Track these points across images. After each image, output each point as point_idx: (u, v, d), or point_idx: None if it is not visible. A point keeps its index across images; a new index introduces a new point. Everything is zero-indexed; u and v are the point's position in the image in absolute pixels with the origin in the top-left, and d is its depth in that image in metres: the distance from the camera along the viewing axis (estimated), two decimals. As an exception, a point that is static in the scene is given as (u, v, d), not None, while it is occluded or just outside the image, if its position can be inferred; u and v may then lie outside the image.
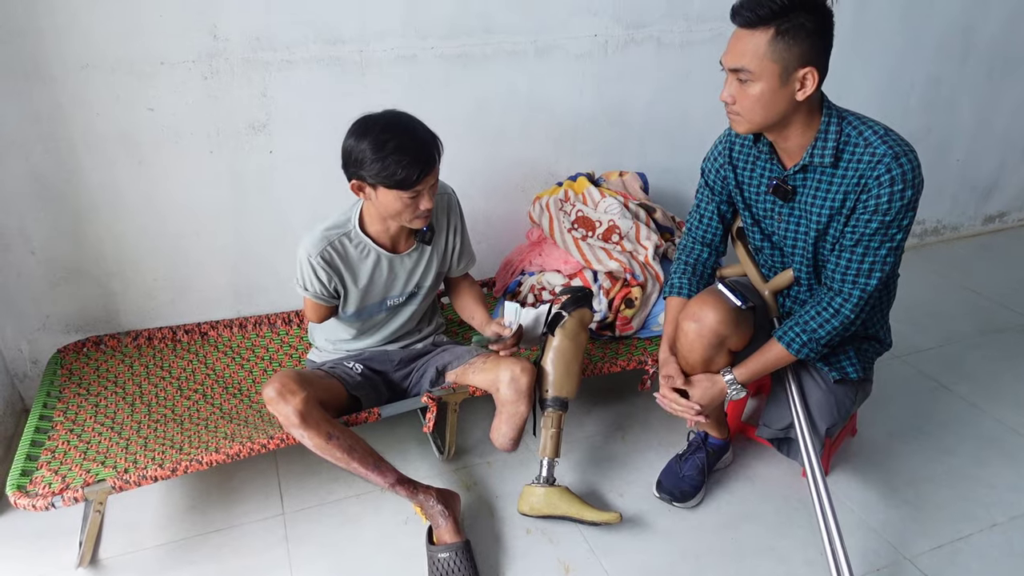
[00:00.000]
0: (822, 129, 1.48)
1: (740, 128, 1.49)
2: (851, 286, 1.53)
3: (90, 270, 2.11)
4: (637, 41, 2.41)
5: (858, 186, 1.46)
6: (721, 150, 1.71)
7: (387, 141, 1.56)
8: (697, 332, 1.62)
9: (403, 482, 1.72)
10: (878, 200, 1.44)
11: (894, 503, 1.89)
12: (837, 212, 1.51)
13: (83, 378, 2.00)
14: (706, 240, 1.80)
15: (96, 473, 1.64)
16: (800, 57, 1.38)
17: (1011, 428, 2.15)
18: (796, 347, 1.59)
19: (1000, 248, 3.37)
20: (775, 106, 1.42)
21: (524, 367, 1.78)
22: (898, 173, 1.42)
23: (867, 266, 1.50)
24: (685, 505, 1.85)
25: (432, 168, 1.62)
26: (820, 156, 1.49)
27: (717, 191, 1.74)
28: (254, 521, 1.83)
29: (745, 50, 1.39)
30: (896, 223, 1.47)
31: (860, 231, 1.48)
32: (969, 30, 2.94)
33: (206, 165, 2.09)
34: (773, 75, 1.39)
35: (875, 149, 1.44)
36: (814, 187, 1.53)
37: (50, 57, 1.85)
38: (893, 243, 1.49)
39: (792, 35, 1.36)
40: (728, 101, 1.46)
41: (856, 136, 1.47)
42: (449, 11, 2.15)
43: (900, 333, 2.63)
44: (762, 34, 1.37)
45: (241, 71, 2.02)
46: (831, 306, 1.55)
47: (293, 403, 1.60)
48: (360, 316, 1.88)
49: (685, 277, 1.79)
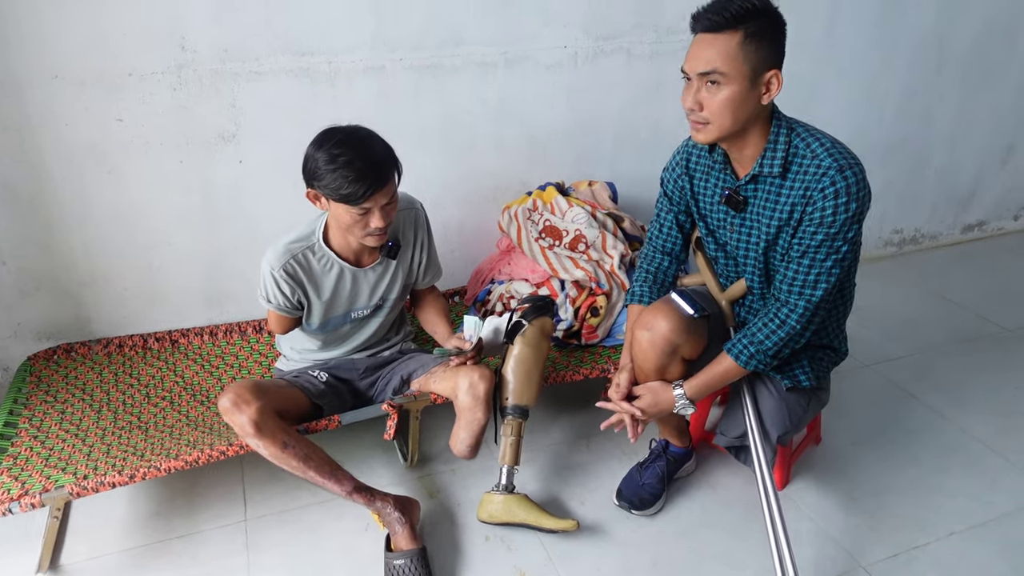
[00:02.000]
0: (771, 139, 1.49)
1: (704, 136, 1.47)
2: (797, 297, 1.54)
3: (61, 279, 2.14)
4: (607, 52, 2.44)
5: (804, 198, 1.47)
6: (679, 160, 1.72)
7: (339, 155, 1.58)
8: (649, 340, 1.64)
9: (360, 490, 1.73)
10: (823, 213, 1.45)
11: (853, 511, 1.90)
12: (785, 223, 1.53)
13: (51, 385, 2.03)
14: (666, 249, 1.82)
15: (56, 479, 1.66)
16: (766, 60, 1.40)
17: (975, 437, 2.16)
18: (744, 359, 1.59)
19: (978, 257, 3.38)
20: (743, 110, 1.42)
21: (482, 374, 1.80)
22: (842, 186, 1.43)
23: (812, 277, 1.52)
24: (644, 513, 1.86)
25: (382, 187, 1.63)
26: (770, 166, 1.50)
27: (675, 201, 1.76)
28: (216, 527, 1.84)
29: (715, 53, 1.38)
30: (841, 235, 1.48)
31: (806, 243, 1.49)
32: (943, 40, 2.96)
33: (176, 175, 2.12)
34: (744, 77, 1.39)
35: (821, 161, 1.45)
36: (764, 198, 1.55)
37: (18, 68, 1.88)
38: (838, 255, 1.50)
39: (759, 38, 1.38)
40: (695, 108, 1.44)
41: (804, 148, 1.48)
42: (418, 23, 2.18)
43: (871, 342, 2.66)
44: (730, 37, 1.37)
45: (210, 82, 2.05)
46: (777, 317, 1.56)
47: (248, 413, 1.61)
48: (324, 328, 1.90)
49: (646, 286, 1.81)
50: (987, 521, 1.86)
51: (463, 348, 1.84)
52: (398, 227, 1.88)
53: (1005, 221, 3.58)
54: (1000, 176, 3.42)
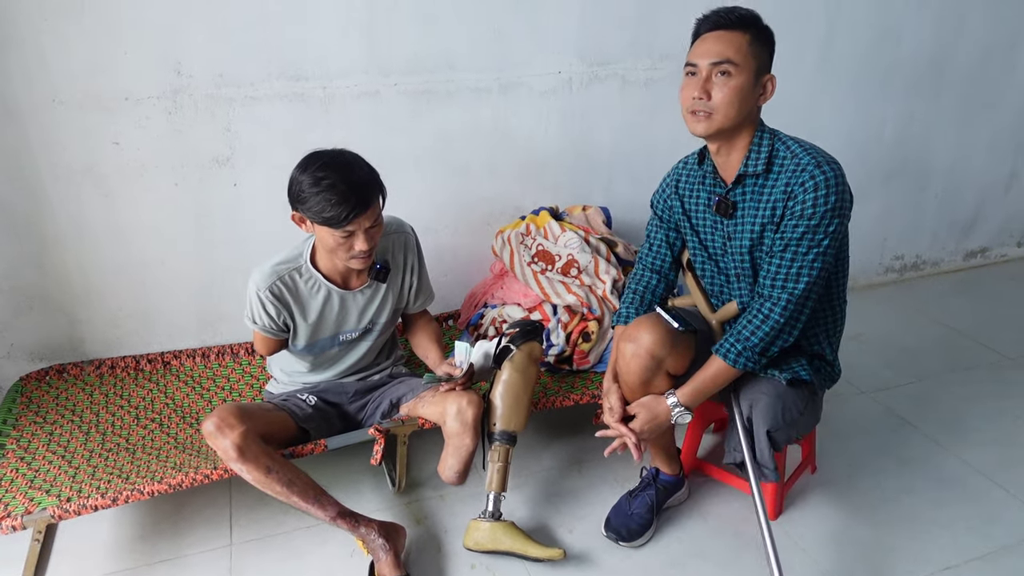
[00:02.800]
0: (755, 141, 1.57)
1: (705, 126, 1.51)
2: (779, 290, 1.56)
3: (56, 299, 2.15)
4: (601, 78, 2.45)
5: (785, 194, 1.53)
6: (669, 182, 1.79)
7: (323, 178, 1.59)
8: (633, 352, 1.64)
9: (345, 515, 1.72)
10: (803, 205, 1.50)
11: (847, 543, 1.86)
12: (769, 221, 1.57)
13: (41, 406, 2.03)
14: (655, 267, 1.83)
15: (39, 502, 1.65)
16: (766, 63, 1.53)
17: (974, 468, 2.12)
18: (732, 357, 1.59)
19: (980, 284, 3.35)
20: (745, 104, 1.50)
21: (471, 400, 1.78)
22: (821, 179, 1.49)
23: (795, 270, 1.54)
24: (631, 544, 1.83)
25: (365, 210, 1.63)
26: (754, 166, 1.56)
27: (665, 220, 1.80)
28: (201, 552, 1.83)
29: (729, 44, 1.48)
30: (822, 228, 1.51)
31: (788, 236, 1.53)
32: (941, 66, 2.96)
33: (171, 197, 2.14)
34: (751, 71, 1.49)
35: (799, 159, 1.53)
36: (749, 198, 1.60)
37: (17, 92, 1.91)
38: (820, 248, 1.52)
39: (762, 42, 1.51)
40: (702, 96, 1.49)
41: (784, 150, 1.56)
42: (412, 49, 2.20)
43: (869, 368, 2.63)
44: (740, 35, 1.49)
45: (205, 106, 2.07)
46: (760, 312, 1.58)
47: (231, 437, 1.61)
48: (311, 350, 1.89)
49: (633, 307, 1.82)
50: (985, 554, 1.82)
51: (453, 375, 1.83)
52: (388, 250, 1.88)
53: (1008, 248, 3.55)
54: (1003, 203, 3.40)
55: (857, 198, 3.09)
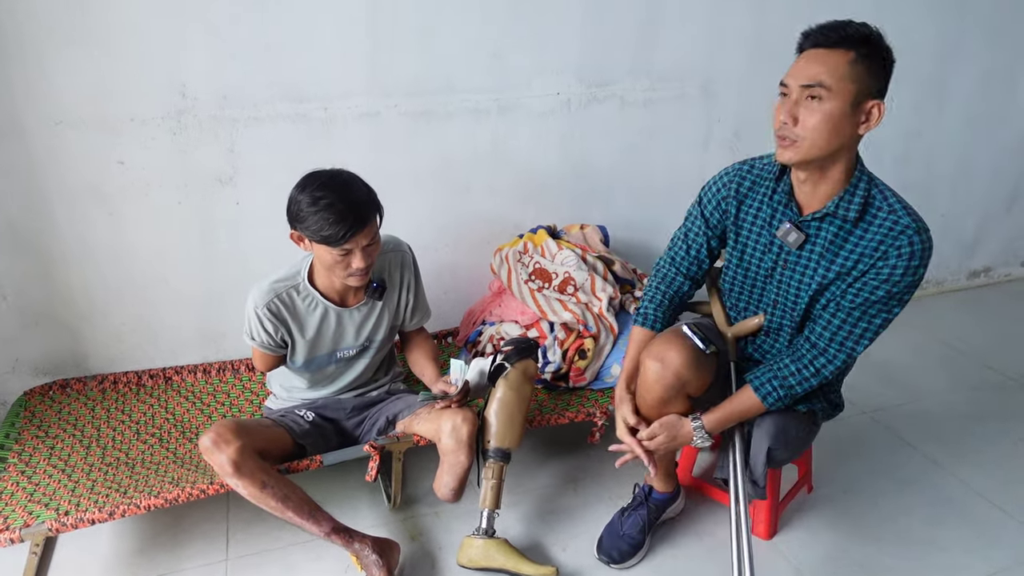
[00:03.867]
0: (853, 183, 1.46)
1: (792, 154, 1.41)
2: (838, 348, 1.51)
3: (60, 315, 2.19)
4: (600, 99, 2.48)
5: (876, 251, 1.44)
6: (727, 181, 1.65)
7: (321, 198, 1.62)
8: (659, 373, 1.58)
9: (339, 531, 1.73)
10: (892, 270, 1.42)
11: (842, 563, 1.85)
12: (847, 273, 1.48)
13: (44, 420, 2.06)
14: (690, 273, 1.75)
15: (38, 515, 1.67)
16: (872, 87, 1.38)
17: (973, 489, 2.11)
18: (772, 400, 1.57)
19: (985, 303, 3.34)
20: (840, 132, 1.38)
21: (465, 417, 1.80)
22: (918, 249, 1.41)
23: (859, 331, 1.49)
24: (623, 567, 1.83)
25: (363, 228, 1.66)
26: (846, 208, 1.46)
27: (713, 224, 1.68)
28: (197, 567, 1.84)
29: (824, 67, 1.37)
30: (899, 296, 1.46)
31: (865, 296, 1.46)
32: (942, 87, 2.98)
33: (174, 216, 2.17)
34: (848, 96, 1.36)
35: (899, 218, 1.43)
36: (829, 239, 1.49)
37: (24, 113, 1.95)
38: (890, 315, 1.48)
39: (870, 62, 1.37)
40: (787, 121, 1.40)
41: (881, 200, 1.46)
42: (412, 70, 2.24)
43: (869, 388, 2.62)
44: (842, 55, 1.36)
45: (209, 127, 2.11)
46: (813, 365, 1.53)
47: (227, 452, 1.63)
48: (309, 367, 1.91)
49: (660, 310, 1.74)
50: (982, 576, 1.81)
51: (448, 392, 1.85)
52: (384, 269, 1.91)
53: (1012, 268, 3.54)
54: (1005, 223, 3.39)
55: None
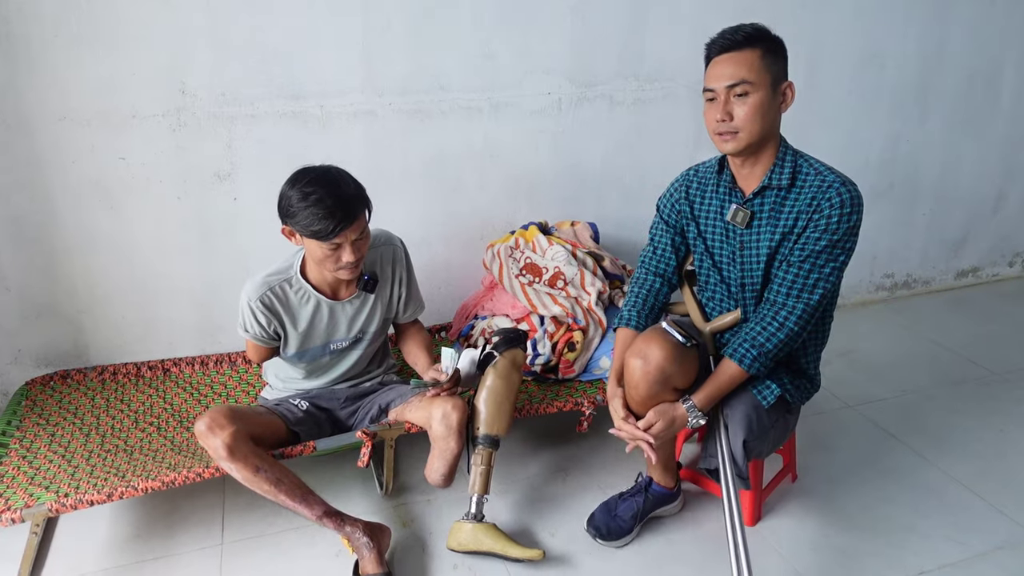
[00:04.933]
0: (779, 156, 1.64)
1: (735, 144, 1.59)
2: (795, 300, 1.61)
3: (62, 307, 2.24)
4: (589, 99, 2.54)
5: (810, 206, 1.59)
6: (677, 187, 1.83)
7: (311, 194, 1.67)
8: (643, 370, 1.65)
9: (331, 514, 1.77)
10: (828, 220, 1.57)
11: (824, 549, 1.89)
12: (790, 232, 1.63)
13: (45, 409, 2.11)
14: (659, 270, 1.86)
15: (38, 497, 1.72)
16: (781, 72, 1.59)
17: (954, 479, 2.15)
18: (748, 362, 1.64)
19: (973, 303, 3.38)
20: (768, 116, 1.57)
21: (455, 404, 1.84)
22: (847, 198, 1.57)
23: (811, 281, 1.60)
24: (609, 544, 1.87)
25: (351, 223, 1.71)
26: (779, 178, 1.63)
27: (672, 223, 1.84)
28: (193, 551, 1.88)
29: (741, 66, 1.55)
30: (841, 244, 1.59)
31: (810, 248, 1.59)
32: (925, 90, 3.04)
33: (174, 211, 2.23)
34: (768, 85, 1.55)
35: (825, 176, 1.60)
36: (769, 210, 1.65)
37: (30, 109, 2.01)
38: (837, 263, 1.60)
39: (774, 53, 1.57)
40: (724, 119, 1.57)
41: (807, 167, 1.64)
42: (405, 70, 2.31)
43: (856, 383, 2.67)
44: (752, 52, 1.55)
45: (208, 124, 2.17)
46: (776, 320, 1.63)
47: (221, 437, 1.67)
48: (302, 358, 1.96)
49: (635, 310, 1.83)
50: (959, 561, 1.85)
51: (439, 380, 1.89)
52: (376, 262, 1.96)
53: (1000, 268, 3.59)
54: (992, 223, 3.44)
55: (844, 216, 3.14)
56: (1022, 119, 3.26)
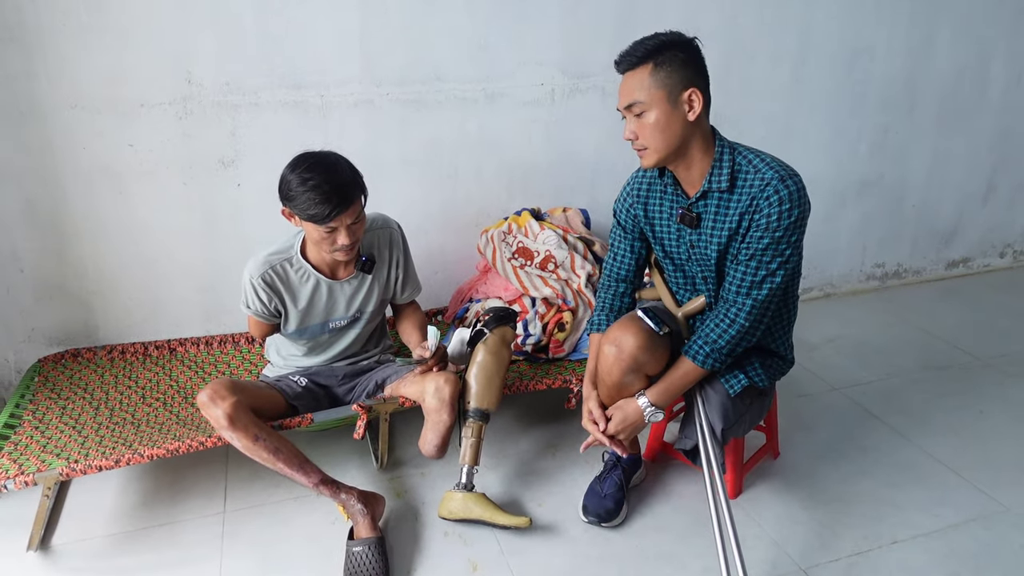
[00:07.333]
0: (716, 158, 1.65)
1: (648, 160, 1.64)
2: (744, 297, 1.66)
3: (73, 288, 2.34)
4: (582, 90, 2.62)
5: (751, 207, 1.62)
6: (630, 191, 1.86)
7: (309, 179, 1.75)
8: (616, 356, 1.73)
9: (327, 482, 1.86)
10: (768, 219, 1.60)
11: (802, 520, 1.96)
12: (735, 233, 1.66)
13: (57, 384, 2.21)
14: (621, 276, 1.92)
15: (50, 463, 1.82)
16: (681, 82, 1.56)
17: (931, 456, 2.21)
18: (701, 358, 1.70)
19: (964, 293, 3.44)
20: (671, 129, 1.58)
21: (448, 379, 1.93)
22: (785, 194, 1.58)
23: (759, 278, 1.64)
24: (612, 524, 1.93)
25: (347, 208, 1.78)
26: (718, 182, 1.64)
27: (629, 229, 1.88)
28: (195, 518, 1.98)
29: (633, 87, 1.58)
30: (785, 239, 1.61)
31: (753, 247, 1.63)
32: (913, 83, 3.10)
33: (180, 196, 2.32)
34: (662, 100, 1.56)
35: (763, 174, 1.61)
36: (714, 212, 1.68)
37: (43, 98, 2.11)
38: (783, 257, 1.63)
39: (668, 65, 1.56)
40: (632, 138, 1.62)
41: (746, 164, 1.64)
42: (403, 61, 2.39)
43: (843, 368, 2.74)
44: (642, 71, 1.57)
45: (213, 112, 2.26)
46: (727, 317, 1.68)
47: (223, 407, 1.76)
48: (302, 335, 2.05)
49: (604, 314, 1.91)
50: (931, 532, 1.91)
51: (424, 356, 1.98)
52: (373, 244, 2.04)
53: (991, 258, 3.64)
54: (982, 214, 3.50)
55: (834, 205, 3.23)
56: (1011, 111, 3.32)
